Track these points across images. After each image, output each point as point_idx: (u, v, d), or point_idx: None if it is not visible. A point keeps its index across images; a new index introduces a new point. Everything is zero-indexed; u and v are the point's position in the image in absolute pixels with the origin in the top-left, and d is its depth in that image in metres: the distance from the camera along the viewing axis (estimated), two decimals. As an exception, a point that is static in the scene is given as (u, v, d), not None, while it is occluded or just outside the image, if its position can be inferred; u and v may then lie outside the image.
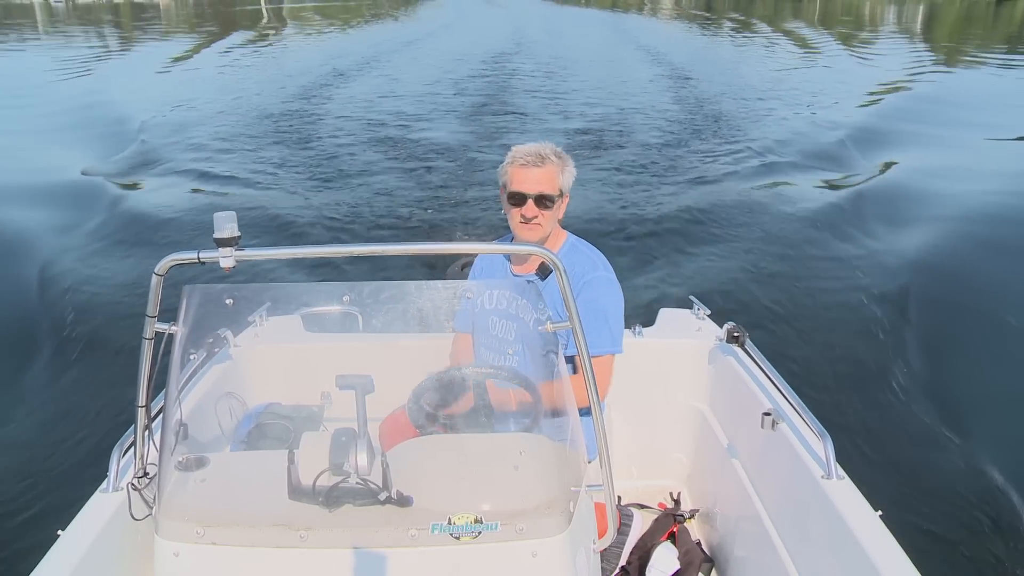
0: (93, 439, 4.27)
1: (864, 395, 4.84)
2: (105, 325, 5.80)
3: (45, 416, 4.67)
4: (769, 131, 13.25)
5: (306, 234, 8.20)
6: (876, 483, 2.43)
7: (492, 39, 31.02)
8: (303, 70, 21.88)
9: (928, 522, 3.65)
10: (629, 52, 26.70)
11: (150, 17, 45.44)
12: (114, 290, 6.51)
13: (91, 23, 42.31)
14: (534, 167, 2.41)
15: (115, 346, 5.32)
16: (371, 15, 49.05)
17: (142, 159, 11.67)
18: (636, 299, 5.95)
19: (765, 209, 8.95)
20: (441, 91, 18.27)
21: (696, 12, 51.25)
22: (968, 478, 4.02)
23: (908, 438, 4.40)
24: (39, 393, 4.93)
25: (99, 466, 2.26)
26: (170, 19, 44.65)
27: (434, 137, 13.21)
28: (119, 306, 6.12)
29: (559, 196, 2.44)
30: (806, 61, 24.05)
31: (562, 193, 2.46)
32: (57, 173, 10.32)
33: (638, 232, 8.13)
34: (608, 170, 10.74)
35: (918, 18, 44.93)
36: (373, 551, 1.69)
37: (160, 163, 11.47)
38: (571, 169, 2.49)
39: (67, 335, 5.71)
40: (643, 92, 17.57)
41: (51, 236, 7.86)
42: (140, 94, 17.76)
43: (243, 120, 14.88)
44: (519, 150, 2.45)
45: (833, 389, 4.80)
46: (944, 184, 9.23)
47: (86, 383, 5.02)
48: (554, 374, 2.02)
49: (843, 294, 6.43)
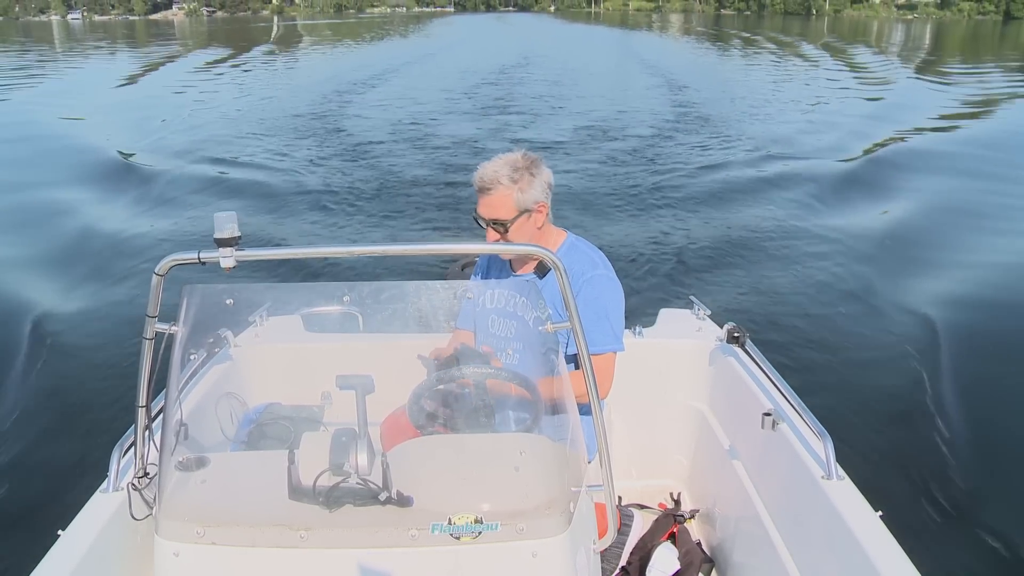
0: (93, 439, 4.27)
1: (864, 395, 4.84)
2: (105, 325, 5.81)
3: (45, 416, 4.67)
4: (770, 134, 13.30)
5: (317, 233, 8.31)
6: (876, 483, 2.43)
7: (502, 53, 31.37)
8: (317, 82, 22.29)
9: (928, 522, 3.66)
10: (634, 66, 26.88)
11: (165, 33, 45.80)
12: (115, 290, 6.52)
13: (109, 39, 42.65)
14: (485, 193, 2.36)
15: (115, 346, 5.32)
16: (382, 32, 49.33)
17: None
18: (636, 299, 5.95)
19: (765, 208, 8.97)
20: (455, 96, 18.56)
21: (703, 30, 51.30)
22: (968, 478, 4.02)
23: (908, 438, 4.40)
24: (39, 393, 4.93)
25: (99, 466, 2.26)
26: (184, 35, 44.95)
27: (447, 132, 13.96)
28: (119, 306, 6.12)
29: (517, 216, 2.37)
30: (813, 76, 24.05)
31: (522, 212, 2.37)
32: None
33: (638, 231, 8.14)
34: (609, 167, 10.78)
35: (926, 36, 44.91)
36: (373, 551, 1.70)
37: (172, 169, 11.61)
38: (538, 180, 2.38)
39: (67, 335, 5.71)
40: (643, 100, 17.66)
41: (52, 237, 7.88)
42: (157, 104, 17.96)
43: (267, 124, 15.21)
44: (478, 173, 2.39)
45: (833, 389, 4.80)
46: (933, 165, 9.38)
47: (86, 383, 5.02)
48: (554, 373, 2.02)
49: (844, 293, 6.44)
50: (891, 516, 2.08)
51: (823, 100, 17.29)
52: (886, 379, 5.03)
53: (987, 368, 5.15)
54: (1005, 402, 4.71)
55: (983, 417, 4.56)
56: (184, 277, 1.83)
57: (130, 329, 5.30)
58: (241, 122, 15.57)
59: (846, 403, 4.65)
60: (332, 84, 21.78)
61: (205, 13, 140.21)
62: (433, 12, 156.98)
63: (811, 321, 5.95)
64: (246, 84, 22.13)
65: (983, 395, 4.82)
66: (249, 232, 1.65)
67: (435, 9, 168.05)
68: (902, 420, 4.58)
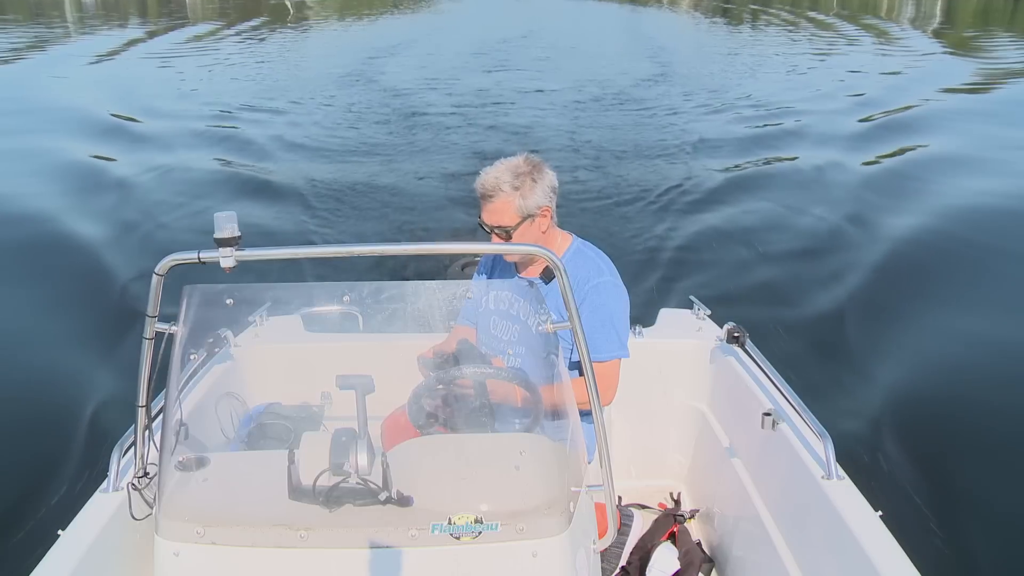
0: (93, 439, 4.27)
1: (864, 395, 4.84)
2: (106, 324, 5.80)
3: (45, 415, 4.66)
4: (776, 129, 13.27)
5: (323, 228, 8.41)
6: (876, 483, 2.43)
7: (513, 28, 31.80)
8: (331, 59, 22.51)
9: (928, 522, 3.65)
10: (639, 47, 26.90)
11: (176, 11, 45.91)
12: (116, 289, 6.51)
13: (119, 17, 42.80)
14: (488, 200, 2.36)
15: (116, 346, 5.32)
16: (394, 7, 49.39)
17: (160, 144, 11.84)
18: (636, 299, 5.94)
19: (767, 208, 8.95)
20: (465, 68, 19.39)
21: (715, 2, 51.07)
22: (968, 478, 4.02)
23: (908, 438, 4.40)
24: (39, 392, 4.93)
25: (99, 466, 2.26)
26: (196, 14, 45.08)
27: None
28: (120, 305, 6.11)
29: (520, 222, 2.35)
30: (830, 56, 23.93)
31: (525, 218, 2.36)
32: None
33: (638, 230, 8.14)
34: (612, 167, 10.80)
35: (936, 9, 44.61)
36: (373, 551, 1.70)
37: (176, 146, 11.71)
38: (540, 185, 2.36)
39: (67, 334, 5.70)
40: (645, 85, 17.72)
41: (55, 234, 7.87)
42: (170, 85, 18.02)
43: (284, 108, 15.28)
44: (480, 179, 2.38)
45: (833, 389, 4.79)
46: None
47: (86, 382, 5.01)
48: (554, 375, 2.02)
49: (845, 293, 6.43)
50: (891, 516, 2.08)
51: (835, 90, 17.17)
52: (886, 379, 5.03)
53: (987, 368, 5.15)
54: (1005, 402, 4.71)
55: (984, 417, 4.56)
56: (184, 277, 1.83)
57: (130, 329, 5.30)
58: (242, 105, 15.60)
59: (846, 403, 4.65)
60: (342, 63, 21.99)
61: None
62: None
63: (811, 321, 5.94)
64: (247, 68, 22.12)
65: (983, 395, 4.82)
66: (249, 232, 1.65)
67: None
68: (902, 420, 4.58)
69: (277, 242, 7.17)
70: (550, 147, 11.72)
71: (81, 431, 4.45)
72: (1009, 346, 5.33)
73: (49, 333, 5.71)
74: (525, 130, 13.14)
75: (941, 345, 5.44)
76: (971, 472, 4.08)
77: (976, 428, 4.46)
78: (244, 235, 1.67)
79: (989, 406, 4.67)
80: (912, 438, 4.40)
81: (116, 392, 4.64)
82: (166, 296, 1.76)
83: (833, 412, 3.52)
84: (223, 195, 9.37)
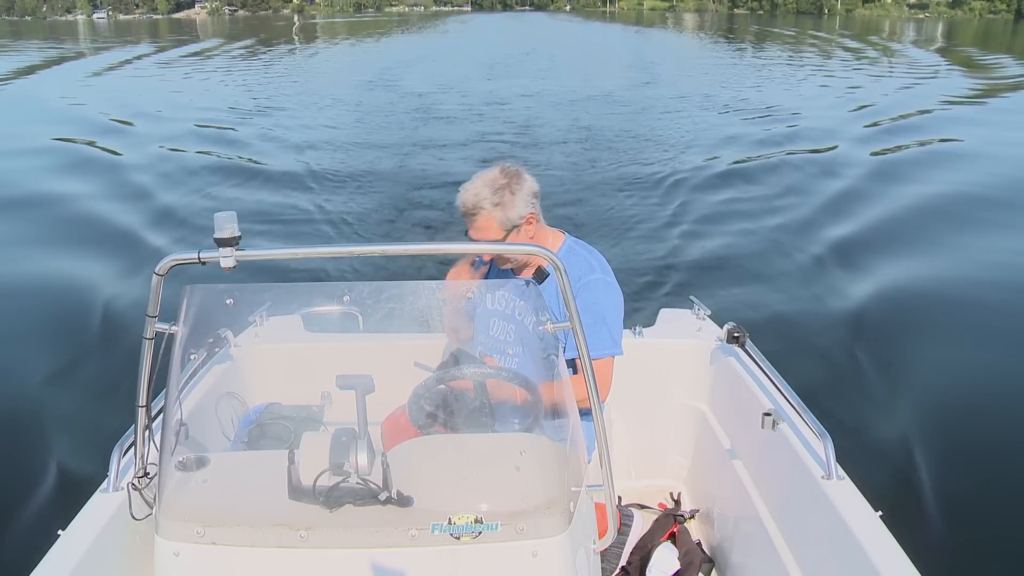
0: (93, 439, 4.26)
1: (864, 395, 4.83)
2: (106, 324, 5.80)
3: (45, 415, 4.66)
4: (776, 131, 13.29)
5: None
6: (876, 483, 2.43)
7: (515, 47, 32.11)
8: (342, 75, 22.82)
9: (928, 522, 3.65)
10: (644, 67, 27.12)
11: (187, 32, 46.59)
12: (116, 288, 6.51)
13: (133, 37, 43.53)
14: (471, 219, 2.39)
15: (116, 346, 5.32)
16: (400, 31, 49.84)
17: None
18: (636, 299, 5.96)
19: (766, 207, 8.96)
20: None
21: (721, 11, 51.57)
22: (968, 478, 4.01)
23: (908, 438, 4.39)
24: (39, 392, 4.93)
25: (99, 466, 2.26)
26: (206, 34, 45.57)
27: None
28: (120, 305, 6.11)
29: (506, 235, 2.38)
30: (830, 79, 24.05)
31: (510, 230, 2.38)
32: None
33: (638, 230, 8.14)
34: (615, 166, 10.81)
35: (938, 34, 44.85)
36: (373, 551, 1.70)
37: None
38: (519, 195, 2.38)
39: (67, 334, 5.70)
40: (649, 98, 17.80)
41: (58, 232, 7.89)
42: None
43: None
44: (459, 198, 2.40)
45: (833, 389, 4.79)
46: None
47: (86, 382, 5.01)
48: (554, 375, 2.02)
49: (845, 293, 6.43)
50: (891, 516, 2.08)
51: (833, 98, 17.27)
52: (886, 379, 5.03)
53: (987, 368, 5.15)
54: (1006, 401, 4.71)
55: (984, 417, 4.56)
56: (184, 277, 1.83)
57: (130, 328, 5.30)
58: (253, 121, 15.87)
59: (846, 403, 4.65)
60: (352, 79, 22.26)
61: (227, 12, 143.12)
62: (450, 11, 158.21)
63: (812, 321, 5.94)
64: (257, 83, 22.43)
65: (984, 395, 4.82)
66: (249, 232, 1.65)
67: (452, 8, 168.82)
68: (902, 420, 4.58)
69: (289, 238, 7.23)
70: (550, 141, 12.23)
71: (81, 431, 4.45)
72: (1010, 346, 5.34)
73: (49, 333, 5.72)
74: (529, 127, 13.51)
75: (943, 346, 5.44)
76: (971, 472, 4.08)
77: (976, 428, 4.46)
78: (269, 230, 1.67)
79: (989, 406, 4.68)
80: (912, 438, 4.41)
81: (116, 392, 4.64)
82: (166, 296, 1.76)
83: (833, 412, 3.53)
84: (235, 190, 9.77)
